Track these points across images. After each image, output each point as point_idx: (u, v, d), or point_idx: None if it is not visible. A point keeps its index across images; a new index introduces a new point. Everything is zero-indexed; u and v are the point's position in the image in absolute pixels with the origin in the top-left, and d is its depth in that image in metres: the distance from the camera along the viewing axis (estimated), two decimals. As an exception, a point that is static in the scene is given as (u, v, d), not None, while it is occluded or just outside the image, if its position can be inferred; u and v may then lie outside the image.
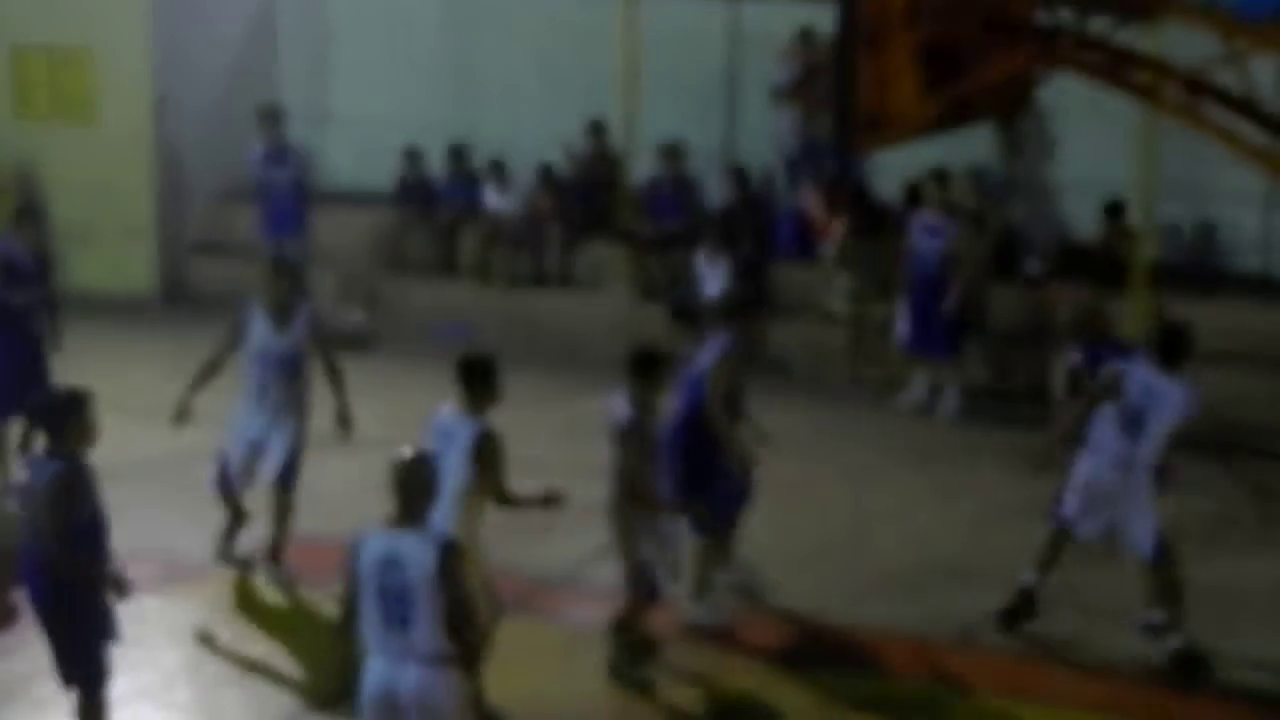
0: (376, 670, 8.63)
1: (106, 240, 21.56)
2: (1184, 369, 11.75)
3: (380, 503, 11.83)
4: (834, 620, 12.47)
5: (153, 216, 21.51)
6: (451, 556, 8.54)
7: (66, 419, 9.58)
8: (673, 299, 18.73)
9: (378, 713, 8.67)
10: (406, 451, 8.76)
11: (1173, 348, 11.76)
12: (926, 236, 17.29)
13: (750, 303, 18.35)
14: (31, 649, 10.66)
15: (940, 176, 17.60)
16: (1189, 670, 11.73)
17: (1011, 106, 14.82)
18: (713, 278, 18.28)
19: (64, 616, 9.69)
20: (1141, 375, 11.71)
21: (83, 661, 9.79)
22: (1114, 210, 18.21)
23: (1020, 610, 12.23)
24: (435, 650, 8.52)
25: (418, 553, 8.46)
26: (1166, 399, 11.63)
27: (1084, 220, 19.05)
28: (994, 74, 13.20)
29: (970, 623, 12.35)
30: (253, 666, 11.65)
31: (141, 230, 21.49)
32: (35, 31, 21.23)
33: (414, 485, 8.63)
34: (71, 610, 9.69)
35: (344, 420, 13.11)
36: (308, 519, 13.79)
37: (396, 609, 8.47)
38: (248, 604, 12.66)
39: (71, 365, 15.79)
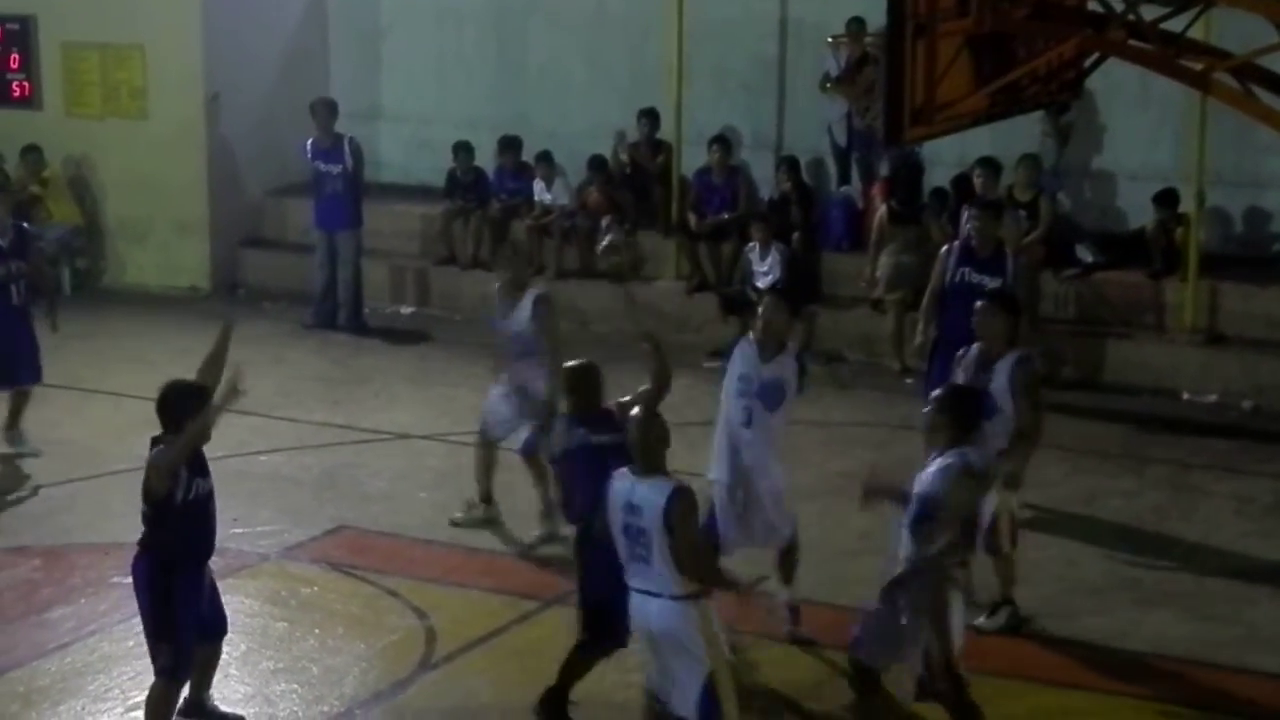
0: (634, 604, 9.46)
1: (159, 236, 21.67)
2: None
3: (428, 495, 11.92)
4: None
5: (204, 212, 21.59)
6: (680, 502, 9.22)
7: (187, 410, 9.78)
8: (723, 291, 18.83)
9: (641, 642, 9.60)
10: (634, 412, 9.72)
11: None
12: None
13: (802, 294, 18.40)
14: (87, 643, 10.78)
15: (988, 165, 17.52)
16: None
17: (1061, 95, 14.74)
18: (763, 269, 18.27)
19: (162, 600, 9.87)
20: None
21: (168, 649, 9.95)
22: (1166, 198, 18.13)
23: None
24: (670, 587, 9.25)
25: (652, 497, 9.23)
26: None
27: (1135, 209, 18.97)
28: (1044, 62, 13.14)
29: (1024, 612, 12.30)
30: (307, 659, 11.69)
31: (193, 225, 21.58)
32: (87, 29, 21.33)
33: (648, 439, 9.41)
34: (169, 595, 9.88)
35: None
36: (360, 512, 13.87)
37: (637, 548, 9.27)
38: (302, 595, 12.70)
39: (124, 359, 15.97)
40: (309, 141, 19.76)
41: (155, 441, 9.92)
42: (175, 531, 9.95)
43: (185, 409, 9.83)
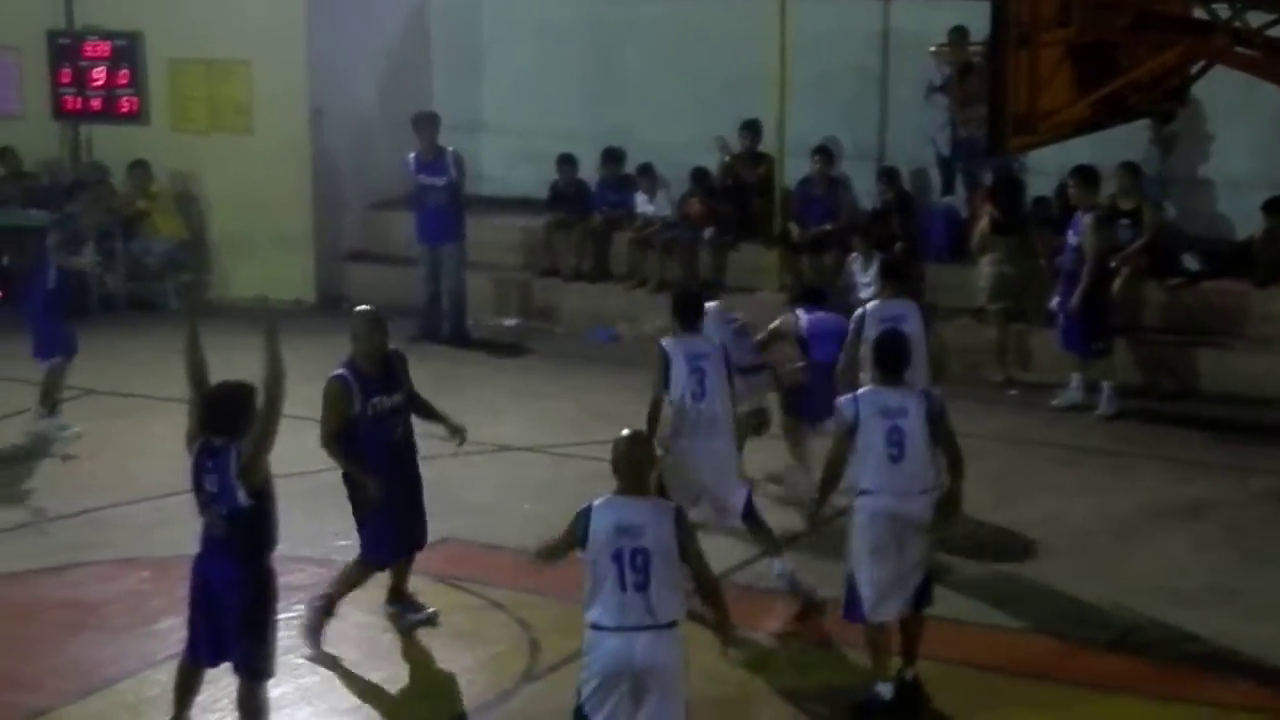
0: (608, 647, 9.04)
1: (263, 250, 21.85)
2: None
3: (531, 507, 11.96)
4: (987, 621, 12.40)
5: (308, 226, 21.78)
6: (686, 522, 9.16)
7: (243, 411, 9.93)
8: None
9: (608, 691, 9.05)
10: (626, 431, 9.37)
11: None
12: (1072, 234, 17.15)
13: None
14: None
15: (1081, 175, 17.36)
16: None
17: (1166, 103, 14.67)
18: (865, 280, 18.25)
19: (261, 603, 10.00)
20: None
21: (264, 652, 10.06)
22: (1275, 206, 17.98)
23: None
24: (668, 613, 8.99)
25: (653, 517, 9.02)
26: None
27: (1242, 217, 18.81)
28: (1147, 71, 13.08)
29: (1125, 624, 12.24)
30: (413, 670, 11.75)
31: (297, 240, 21.76)
32: (193, 46, 21.55)
33: (639, 459, 9.22)
34: (267, 599, 10.01)
35: None
36: (464, 524, 13.92)
37: (631, 574, 8.94)
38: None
39: (229, 372, 16.03)
40: (412, 155, 19.87)
41: (208, 447, 9.95)
42: (272, 525, 10.07)
43: (244, 408, 9.96)
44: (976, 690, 11.36)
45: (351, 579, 12.02)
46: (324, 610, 11.90)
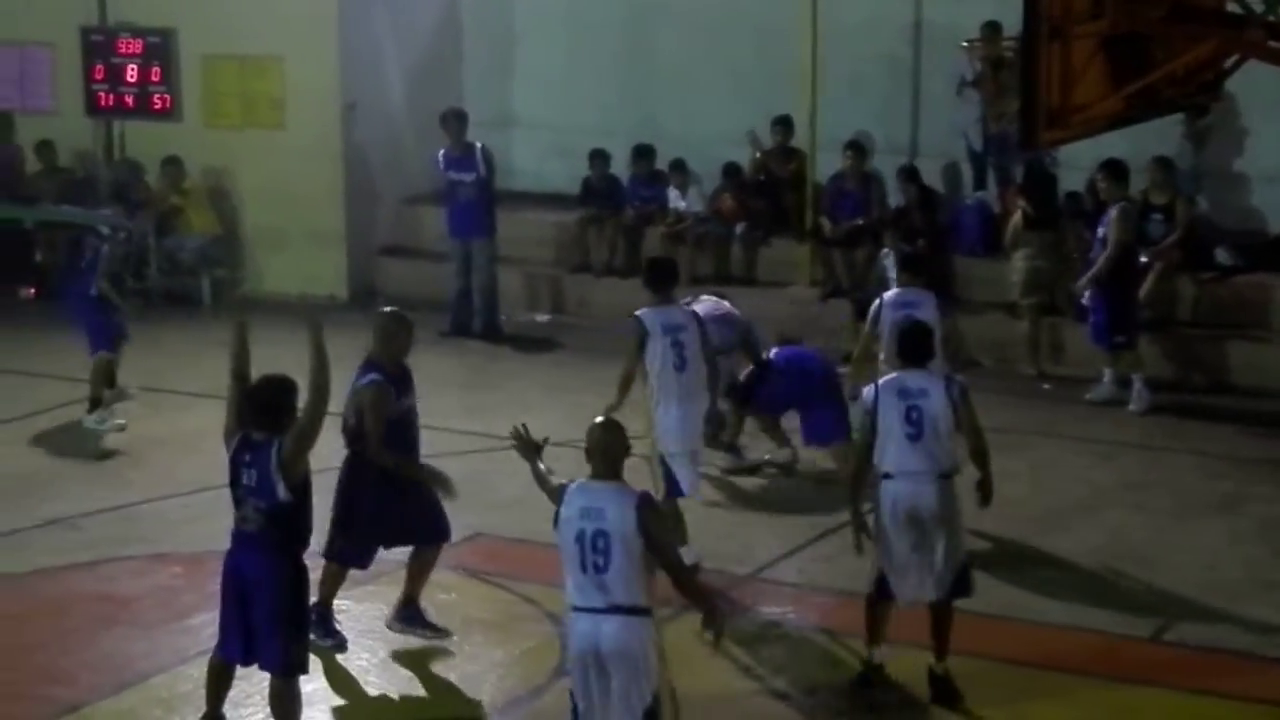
0: (578, 628, 9.13)
1: (296, 245, 21.89)
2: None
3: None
4: (1023, 616, 12.37)
5: (341, 221, 21.80)
6: (652, 508, 9.21)
7: (286, 406, 10.04)
8: (857, 297, 18.79)
9: (577, 673, 9.16)
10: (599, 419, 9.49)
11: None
12: (1102, 228, 17.11)
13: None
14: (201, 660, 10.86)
15: (1110, 169, 17.28)
16: None
17: (1199, 97, 14.60)
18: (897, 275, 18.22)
19: (295, 598, 10.04)
20: None
21: (297, 648, 10.10)
22: (1307, 200, 17.95)
23: None
24: (629, 597, 9.01)
25: (617, 500, 9.08)
26: None
27: (1276, 211, 18.76)
28: (1181, 64, 13.03)
29: (1162, 618, 12.20)
30: (445, 665, 11.77)
31: (330, 234, 21.79)
32: (226, 41, 21.58)
33: (614, 445, 9.30)
34: (300, 594, 10.08)
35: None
36: (496, 519, 13.92)
37: (593, 556, 9.01)
38: (439, 602, 12.78)
39: (263, 368, 16.02)
40: (441, 152, 19.90)
41: (248, 442, 9.99)
42: (308, 521, 10.10)
43: (288, 402, 10.04)
44: (1016, 686, 11.34)
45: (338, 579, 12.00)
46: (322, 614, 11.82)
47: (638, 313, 13.05)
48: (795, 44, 19.44)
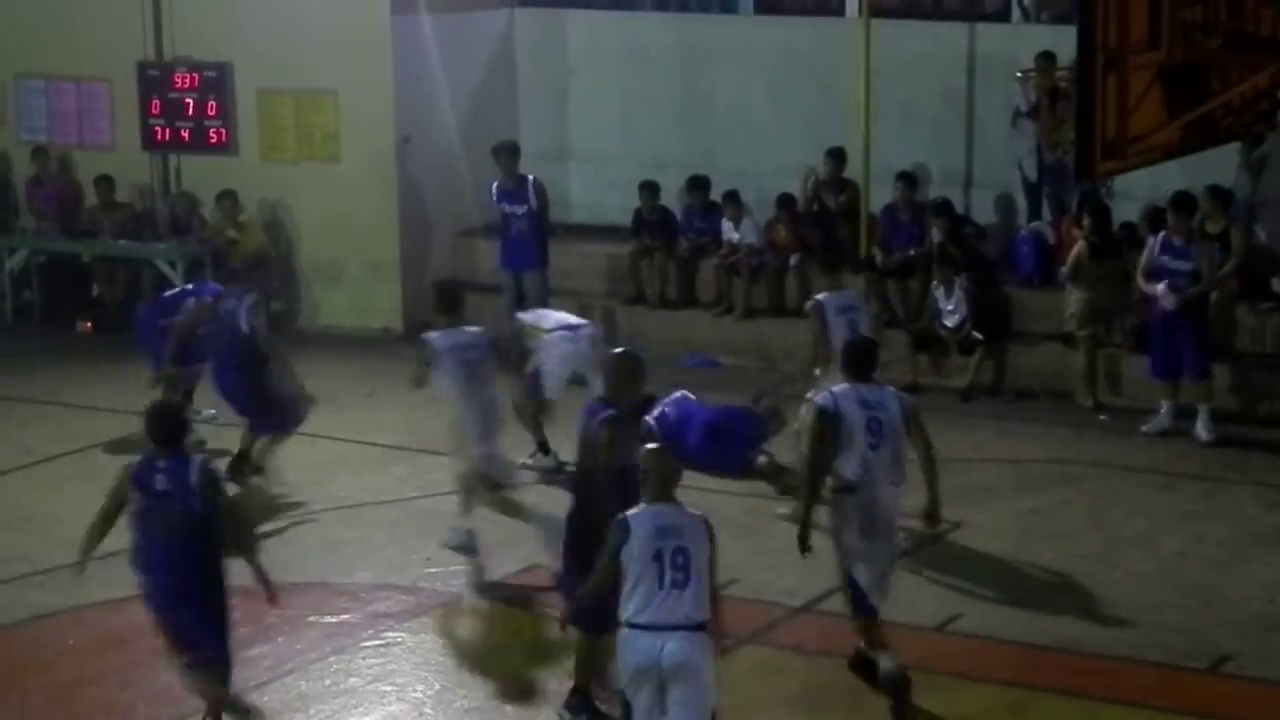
0: (638, 647, 9.49)
1: (351, 277, 21.95)
2: None
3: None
4: (1081, 649, 12.31)
5: (396, 253, 21.85)
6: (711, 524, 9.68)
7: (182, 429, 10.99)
8: (912, 328, 18.77)
9: (637, 690, 9.52)
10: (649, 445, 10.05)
11: None
12: (1170, 259, 17.02)
13: (989, 330, 18.33)
14: (284, 681, 10.89)
15: (1182, 201, 17.22)
16: None
17: (1256, 126, 14.56)
18: (949, 307, 18.21)
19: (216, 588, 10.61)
20: None
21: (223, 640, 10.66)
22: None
23: None
24: (700, 611, 9.51)
25: (688, 519, 9.63)
26: None
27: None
28: (1238, 94, 12.99)
29: (1220, 650, 12.13)
30: (500, 697, 11.76)
31: (385, 267, 21.85)
32: (281, 75, 21.68)
33: (669, 469, 9.85)
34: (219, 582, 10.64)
35: None
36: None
37: (674, 573, 9.48)
38: (496, 634, 12.78)
39: (319, 400, 16.15)
40: (494, 184, 19.94)
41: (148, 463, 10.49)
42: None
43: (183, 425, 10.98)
44: (1073, 718, 11.29)
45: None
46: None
47: (425, 336, 14.18)
48: (849, 76, 19.42)
